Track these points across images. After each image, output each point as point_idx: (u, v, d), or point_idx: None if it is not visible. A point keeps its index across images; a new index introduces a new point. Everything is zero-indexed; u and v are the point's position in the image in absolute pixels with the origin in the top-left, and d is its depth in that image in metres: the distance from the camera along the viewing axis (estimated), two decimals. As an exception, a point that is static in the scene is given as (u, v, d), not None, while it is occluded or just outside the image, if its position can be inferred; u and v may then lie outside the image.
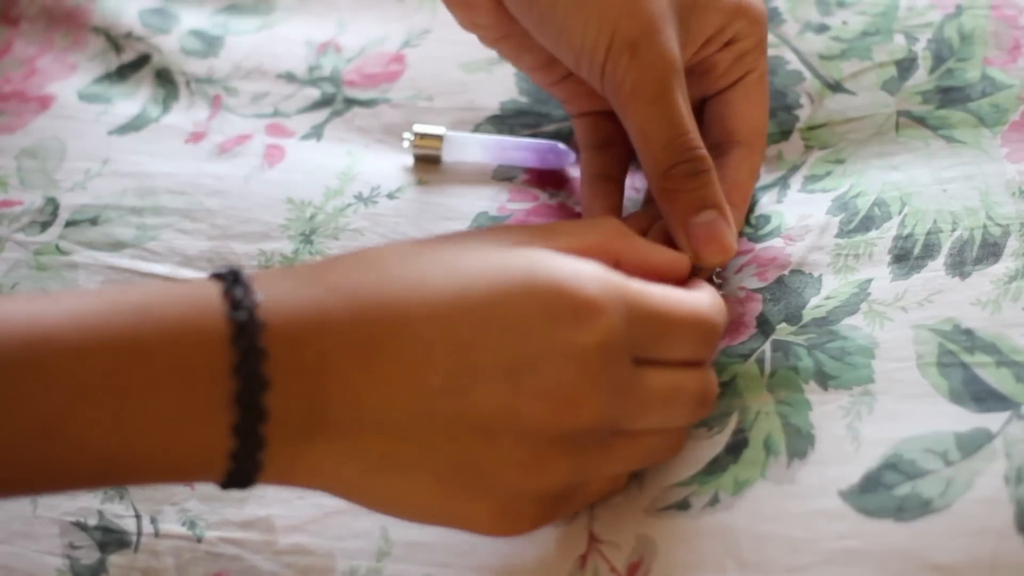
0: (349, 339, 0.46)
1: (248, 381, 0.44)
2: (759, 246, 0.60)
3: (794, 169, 0.63)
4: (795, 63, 0.65)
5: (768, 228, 0.61)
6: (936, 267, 0.56)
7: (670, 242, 0.56)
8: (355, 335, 0.46)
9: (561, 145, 0.64)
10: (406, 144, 0.65)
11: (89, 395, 0.44)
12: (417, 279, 0.47)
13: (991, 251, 0.56)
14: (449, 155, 0.65)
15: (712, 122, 0.60)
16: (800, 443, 0.52)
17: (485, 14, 0.58)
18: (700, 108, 0.60)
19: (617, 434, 0.49)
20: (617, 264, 0.51)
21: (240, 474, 0.45)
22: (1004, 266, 0.55)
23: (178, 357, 0.44)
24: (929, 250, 0.57)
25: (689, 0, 0.56)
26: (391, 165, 0.65)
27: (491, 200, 0.64)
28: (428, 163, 0.65)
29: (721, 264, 0.56)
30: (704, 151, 0.55)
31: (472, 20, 0.59)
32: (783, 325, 0.56)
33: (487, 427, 0.46)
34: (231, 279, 0.46)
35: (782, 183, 0.62)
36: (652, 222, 0.58)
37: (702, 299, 0.51)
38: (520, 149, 0.65)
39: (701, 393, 0.51)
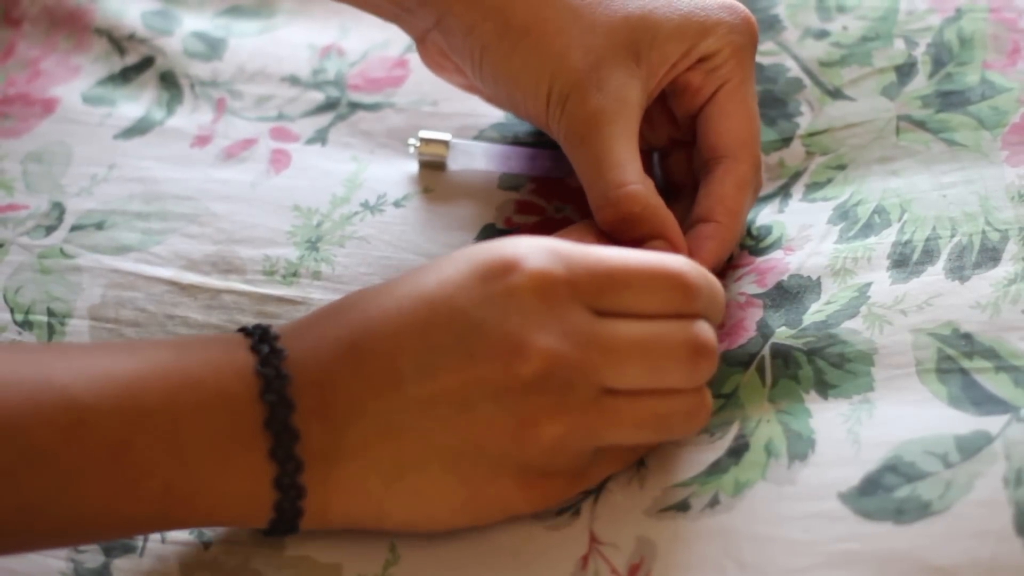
0: (340, 351, 0.50)
1: (275, 405, 0.49)
2: (760, 259, 0.60)
3: (796, 176, 0.63)
4: (795, 70, 0.65)
5: (769, 240, 0.61)
6: (935, 271, 0.56)
7: None
8: (343, 345, 0.50)
9: (563, 154, 0.64)
10: (411, 150, 0.65)
11: (149, 418, 0.48)
12: (386, 287, 0.51)
13: (990, 255, 0.56)
14: (455, 162, 0.65)
15: (699, 140, 0.60)
16: (801, 446, 0.52)
17: (453, 75, 0.63)
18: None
19: (608, 394, 0.50)
20: None
21: (287, 502, 0.49)
22: (1003, 270, 0.56)
23: (220, 386, 0.49)
24: (928, 255, 0.57)
25: (647, 35, 0.58)
26: (397, 172, 0.65)
27: (498, 212, 0.64)
28: (433, 169, 0.65)
29: None
30: (634, 187, 0.56)
31: (445, 78, 0.64)
32: (783, 329, 0.56)
33: (463, 402, 0.49)
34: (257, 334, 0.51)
35: (784, 192, 0.63)
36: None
37: (663, 255, 0.52)
38: (524, 158, 0.65)
39: (689, 341, 0.50)
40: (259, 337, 0.50)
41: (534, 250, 0.50)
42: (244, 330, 0.51)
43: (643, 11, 0.58)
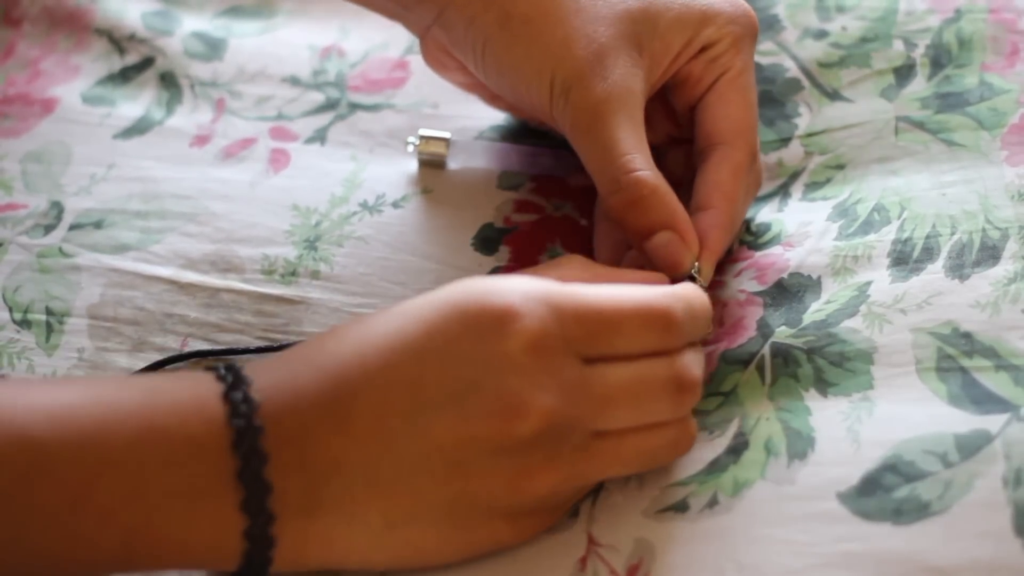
0: (321, 405, 0.48)
1: (248, 457, 0.47)
2: (759, 253, 0.60)
3: (795, 176, 0.63)
4: (794, 71, 0.65)
5: (768, 236, 0.61)
6: (935, 269, 0.56)
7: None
8: (324, 400, 0.48)
9: (564, 153, 0.64)
10: (410, 148, 0.65)
11: (112, 466, 0.46)
12: (365, 332, 0.49)
13: (990, 254, 0.56)
14: (454, 160, 0.65)
15: (697, 129, 0.60)
16: (800, 444, 0.52)
17: (455, 73, 0.63)
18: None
19: (597, 437, 0.50)
20: None
21: (256, 552, 0.47)
22: (1003, 268, 0.56)
23: (187, 434, 0.47)
24: (928, 253, 0.57)
25: (649, 25, 0.58)
26: (396, 172, 0.65)
27: (497, 211, 0.64)
28: (432, 168, 0.65)
29: (687, 269, 0.57)
30: (643, 173, 0.56)
31: (446, 76, 0.64)
32: (783, 328, 0.56)
33: (457, 460, 0.48)
34: (228, 376, 0.49)
35: (783, 192, 0.63)
36: None
37: (648, 291, 0.51)
38: (525, 155, 0.65)
39: (674, 378, 0.51)
40: (231, 383, 0.48)
41: (527, 302, 0.49)
42: (215, 371, 0.49)
43: (643, 2, 0.58)
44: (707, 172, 0.59)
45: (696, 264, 0.56)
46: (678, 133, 0.62)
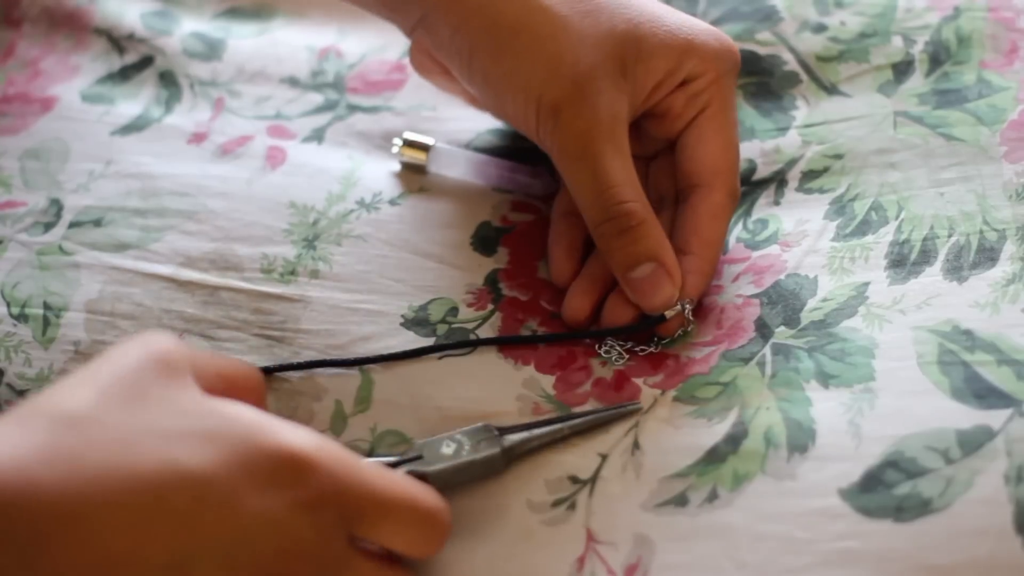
0: (61, 509, 0.43)
1: None
2: (756, 253, 0.60)
3: (792, 163, 0.63)
4: (792, 64, 0.66)
5: (765, 234, 0.61)
6: (933, 272, 0.56)
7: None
8: (65, 505, 0.43)
9: (543, 169, 0.64)
10: (395, 150, 0.65)
11: None
12: (122, 444, 0.44)
13: (988, 255, 0.56)
14: (436, 166, 0.65)
15: (677, 166, 0.60)
16: (801, 437, 0.52)
17: (439, 77, 0.62)
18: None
19: None
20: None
21: None
22: (1001, 270, 0.56)
23: None
24: (926, 256, 0.57)
25: (633, 48, 0.57)
26: (392, 171, 0.65)
27: (494, 210, 0.64)
28: (414, 173, 0.65)
29: (670, 301, 0.57)
30: (633, 204, 0.56)
31: (431, 80, 0.63)
32: (782, 329, 0.56)
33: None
34: None
35: (779, 179, 0.63)
36: None
37: (426, 494, 0.49)
38: (504, 170, 0.64)
39: None
40: None
41: (316, 448, 0.46)
42: None
43: (629, 24, 0.57)
44: (686, 215, 0.58)
45: (677, 304, 0.57)
46: (656, 151, 0.61)
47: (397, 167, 0.65)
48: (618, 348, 0.57)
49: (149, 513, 0.43)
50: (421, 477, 0.53)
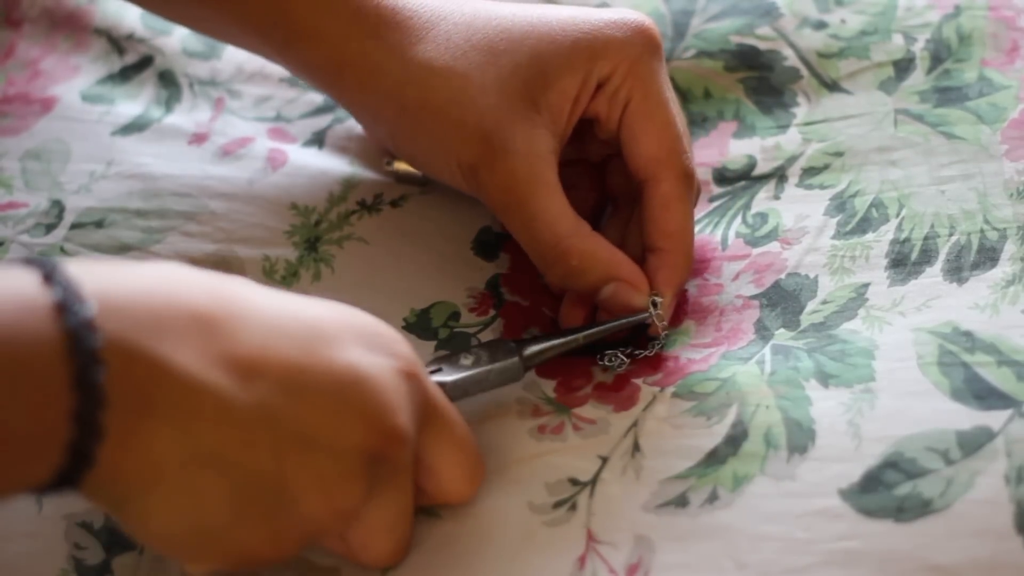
0: (188, 317, 0.45)
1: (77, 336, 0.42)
2: (756, 251, 0.60)
3: (792, 160, 0.63)
4: (793, 59, 0.65)
5: (765, 229, 0.61)
6: (934, 273, 0.56)
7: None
8: (194, 314, 0.45)
9: None
10: (387, 165, 0.64)
11: None
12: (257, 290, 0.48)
13: (988, 256, 0.56)
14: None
15: (626, 165, 0.59)
16: (800, 437, 0.52)
17: (380, 142, 0.64)
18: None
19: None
20: None
21: (81, 444, 0.42)
22: (1001, 271, 0.56)
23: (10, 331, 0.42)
24: (926, 255, 0.57)
25: (540, 79, 0.56)
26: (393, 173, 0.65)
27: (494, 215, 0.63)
28: (410, 184, 0.64)
29: (643, 308, 0.57)
30: (569, 241, 0.56)
31: (376, 144, 0.65)
32: (781, 331, 0.56)
33: (308, 438, 0.46)
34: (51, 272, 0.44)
35: (780, 175, 0.63)
36: (624, 227, 0.60)
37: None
38: None
39: (393, 524, 0.51)
40: (62, 296, 0.42)
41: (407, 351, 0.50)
42: (38, 264, 0.43)
43: (531, 54, 0.57)
44: (642, 212, 0.58)
45: (655, 299, 0.57)
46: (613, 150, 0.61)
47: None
48: (621, 356, 0.57)
49: (269, 325, 0.47)
50: (441, 387, 0.53)
